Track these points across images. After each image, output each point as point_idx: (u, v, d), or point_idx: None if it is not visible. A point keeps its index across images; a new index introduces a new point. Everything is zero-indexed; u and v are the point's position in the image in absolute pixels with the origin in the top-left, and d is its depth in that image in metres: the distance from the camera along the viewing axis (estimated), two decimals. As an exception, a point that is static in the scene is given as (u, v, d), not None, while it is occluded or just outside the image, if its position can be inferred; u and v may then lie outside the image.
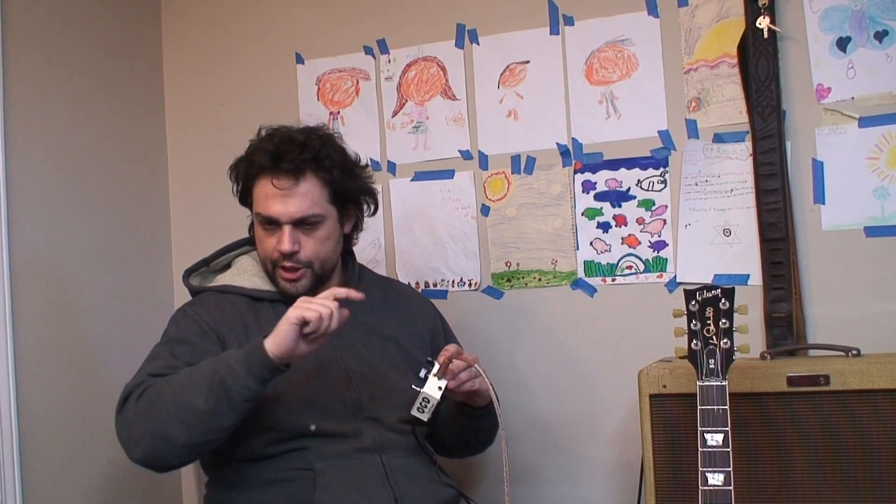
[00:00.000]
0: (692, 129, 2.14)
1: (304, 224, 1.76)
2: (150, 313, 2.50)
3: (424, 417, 1.64)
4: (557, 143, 2.25)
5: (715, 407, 1.53)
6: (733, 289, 1.58)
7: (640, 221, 2.19)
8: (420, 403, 1.63)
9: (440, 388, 1.63)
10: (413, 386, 1.63)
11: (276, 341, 1.55)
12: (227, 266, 1.92)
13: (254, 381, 1.56)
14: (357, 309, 1.86)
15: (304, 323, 1.55)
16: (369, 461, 1.72)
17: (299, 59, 2.50)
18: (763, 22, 2.03)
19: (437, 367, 1.63)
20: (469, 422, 1.83)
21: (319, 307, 1.56)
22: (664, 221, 2.17)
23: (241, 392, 1.55)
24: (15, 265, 2.08)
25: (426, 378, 1.63)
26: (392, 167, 2.40)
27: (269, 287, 1.81)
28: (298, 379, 1.71)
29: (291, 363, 1.59)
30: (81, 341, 2.27)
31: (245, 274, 1.84)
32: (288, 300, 1.80)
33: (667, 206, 2.16)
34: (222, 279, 1.86)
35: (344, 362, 1.79)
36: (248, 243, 1.92)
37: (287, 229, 1.75)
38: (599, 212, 2.22)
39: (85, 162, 2.33)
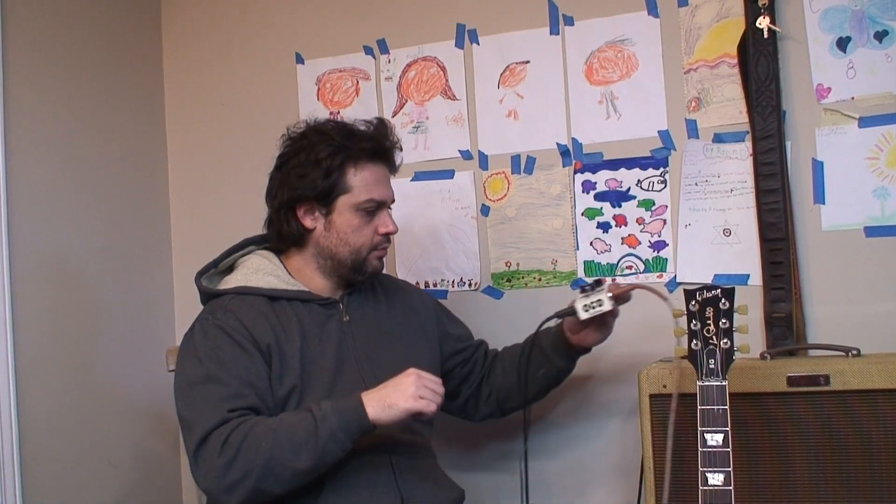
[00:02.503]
0: (692, 129, 2.14)
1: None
2: (150, 313, 2.51)
3: (583, 316, 1.75)
4: (557, 143, 2.25)
5: (715, 407, 1.53)
6: (733, 289, 1.58)
7: (640, 221, 2.19)
8: (593, 302, 1.73)
9: (611, 297, 1.73)
10: (585, 286, 1.77)
11: (385, 417, 1.59)
12: (231, 268, 1.89)
13: (352, 443, 1.60)
14: (365, 308, 1.87)
15: (418, 413, 1.61)
16: (378, 461, 1.73)
17: (299, 59, 2.50)
18: (763, 22, 2.03)
19: (609, 282, 1.76)
20: (566, 365, 1.91)
21: (434, 399, 1.62)
22: (664, 221, 2.17)
23: (340, 455, 1.60)
24: (15, 265, 2.08)
25: (598, 290, 1.74)
26: (392, 167, 2.40)
27: (285, 286, 1.80)
28: (319, 378, 1.72)
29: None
30: (81, 342, 2.27)
31: (258, 273, 1.81)
32: (305, 298, 1.80)
33: (667, 206, 2.16)
34: (234, 280, 1.82)
35: (356, 363, 1.79)
36: (253, 244, 1.89)
37: (387, 211, 1.83)
38: (599, 212, 2.22)
39: (85, 162, 2.33)
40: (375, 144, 1.79)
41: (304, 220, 1.79)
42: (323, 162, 1.75)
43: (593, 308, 1.74)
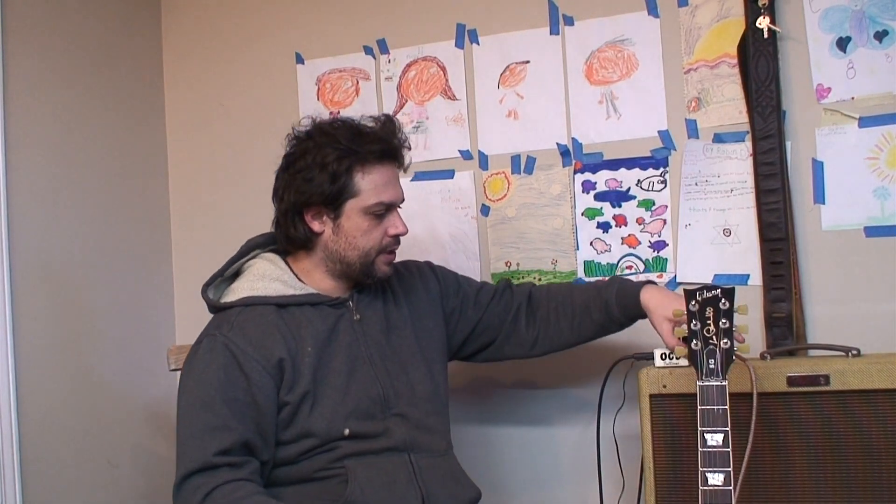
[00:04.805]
0: (692, 129, 2.14)
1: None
2: (151, 313, 2.51)
3: (658, 364, 1.79)
4: (557, 143, 2.25)
5: (715, 407, 1.53)
6: (733, 289, 1.58)
7: (640, 221, 2.19)
8: (671, 353, 1.77)
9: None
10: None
11: None
12: (237, 274, 1.84)
13: None
14: (375, 305, 1.84)
15: None
16: (398, 460, 1.73)
17: (299, 59, 2.50)
18: (763, 22, 2.03)
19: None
20: (627, 323, 1.91)
21: None
22: (664, 221, 2.17)
23: None
24: (16, 266, 2.08)
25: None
26: (392, 167, 2.39)
27: (293, 291, 1.77)
28: (332, 381, 1.71)
29: None
30: (82, 342, 2.27)
31: (264, 280, 1.77)
32: (314, 301, 1.77)
33: (667, 206, 2.16)
34: (240, 290, 1.78)
35: (369, 362, 1.78)
36: (258, 246, 1.85)
37: (397, 212, 1.80)
38: (599, 212, 2.22)
39: (85, 162, 2.33)
40: (383, 146, 1.75)
41: (313, 225, 1.76)
42: (329, 166, 1.71)
43: (670, 359, 1.78)
